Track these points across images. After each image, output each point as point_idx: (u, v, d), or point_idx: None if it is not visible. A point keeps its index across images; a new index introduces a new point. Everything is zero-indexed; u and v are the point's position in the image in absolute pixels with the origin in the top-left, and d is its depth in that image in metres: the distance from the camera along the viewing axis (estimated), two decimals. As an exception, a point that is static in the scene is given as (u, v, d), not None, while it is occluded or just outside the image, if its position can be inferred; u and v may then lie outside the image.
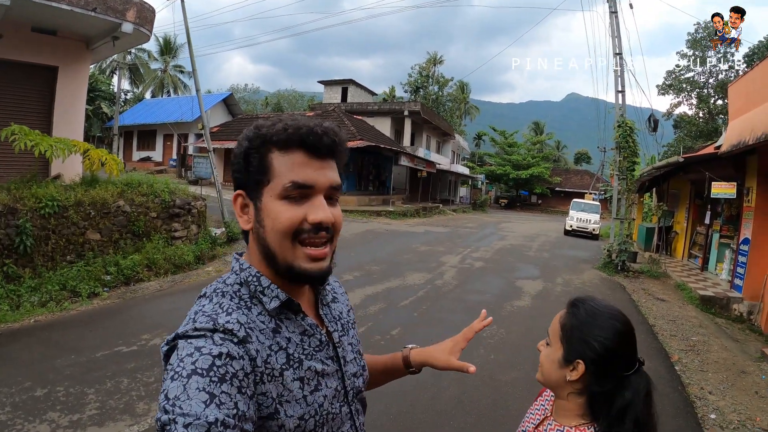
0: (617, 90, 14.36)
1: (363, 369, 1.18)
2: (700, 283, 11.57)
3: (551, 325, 1.31)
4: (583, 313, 1.25)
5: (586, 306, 1.26)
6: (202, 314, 0.92)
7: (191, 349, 0.83)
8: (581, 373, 1.21)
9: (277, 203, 0.96)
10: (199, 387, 0.78)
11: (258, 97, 71.73)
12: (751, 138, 7.86)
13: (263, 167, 0.98)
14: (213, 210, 12.77)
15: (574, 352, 1.23)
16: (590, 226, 25.11)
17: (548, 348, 1.30)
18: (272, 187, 0.97)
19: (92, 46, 10.04)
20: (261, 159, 0.98)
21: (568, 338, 1.25)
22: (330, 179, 0.99)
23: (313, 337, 1.03)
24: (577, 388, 1.24)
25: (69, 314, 6.45)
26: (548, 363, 1.28)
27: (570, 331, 1.25)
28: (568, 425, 1.26)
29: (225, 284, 1.01)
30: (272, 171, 0.97)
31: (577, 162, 76.27)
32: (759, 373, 6.33)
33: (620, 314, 1.26)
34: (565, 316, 1.28)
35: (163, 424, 0.75)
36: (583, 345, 1.21)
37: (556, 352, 1.27)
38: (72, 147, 8.23)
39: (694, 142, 34.25)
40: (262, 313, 0.97)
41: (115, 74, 36.22)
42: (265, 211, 0.97)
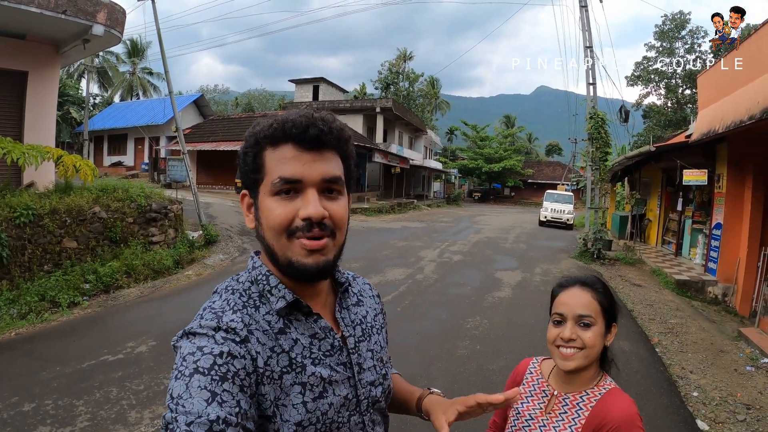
0: (588, 82, 14.57)
1: (384, 378, 1.13)
2: (674, 268, 11.85)
3: (584, 308, 1.41)
4: (601, 288, 1.45)
5: (599, 281, 1.48)
6: (210, 310, 0.93)
7: (193, 348, 0.84)
8: (614, 333, 1.46)
9: (269, 200, 0.95)
10: (201, 385, 0.78)
11: (228, 97, 70.96)
12: (721, 126, 8.06)
13: (257, 165, 0.97)
14: (189, 213, 12.63)
15: (611, 319, 1.44)
16: (564, 216, 25.45)
17: (594, 327, 1.40)
18: (265, 184, 0.96)
19: (62, 49, 9.83)
20: (255, 157, 0.98)
21: (605, 311, 1.42)
22: (323, 172, 0.96)
23: (324, 341, 1.00)
24: (600, 352, 1.43)
25: (50, 325, 6.33)
26: (600, 339, 1.41)
27: (605, 304, 1.42)
28: (588, 387, 1.43)
29: (237, 282, 1.01)
30: (265, 168, 0.96)
31: (548, 154, 77.16)
32: (737, 352, 6.56)
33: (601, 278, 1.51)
34: (594, 295, 1.42)
35: (166, 422, 0.77)
36: (614, 310, 1.45)
37: (601, 327, 1.41)
38: (45, 154, 8.06)
39: (664, 132, 34.92)
40: (270, 313, 0.97)
41: (84, 78, 35.52)
42: (261, 208, 0.97)
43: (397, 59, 53.32)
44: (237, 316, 0.92)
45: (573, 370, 1.40)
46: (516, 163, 51.52)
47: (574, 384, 1.45)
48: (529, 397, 1.53)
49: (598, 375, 1.45)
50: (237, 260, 10.87)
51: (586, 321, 1.39)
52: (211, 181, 29.26)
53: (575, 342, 1.38)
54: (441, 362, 5.56)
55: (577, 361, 1.38)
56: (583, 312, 1.39)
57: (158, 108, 26.13)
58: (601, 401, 1.38)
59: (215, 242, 12.16)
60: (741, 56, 8.09)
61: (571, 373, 1.42)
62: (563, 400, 1.44)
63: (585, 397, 1.41)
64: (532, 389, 1.54)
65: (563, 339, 1.39)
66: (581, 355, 1.38)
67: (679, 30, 39.87)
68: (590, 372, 1.44)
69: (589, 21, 14.45)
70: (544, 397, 1.50)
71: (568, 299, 1.43)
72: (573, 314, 1.40)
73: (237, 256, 11.30)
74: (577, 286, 1.45)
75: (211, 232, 12.24)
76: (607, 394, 1.39)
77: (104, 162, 34.91)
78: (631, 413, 1.32)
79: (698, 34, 39.54)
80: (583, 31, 14.47)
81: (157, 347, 5.57)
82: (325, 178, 0.96)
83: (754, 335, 7.01)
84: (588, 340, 1.38)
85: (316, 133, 0.95)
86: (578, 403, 1.41)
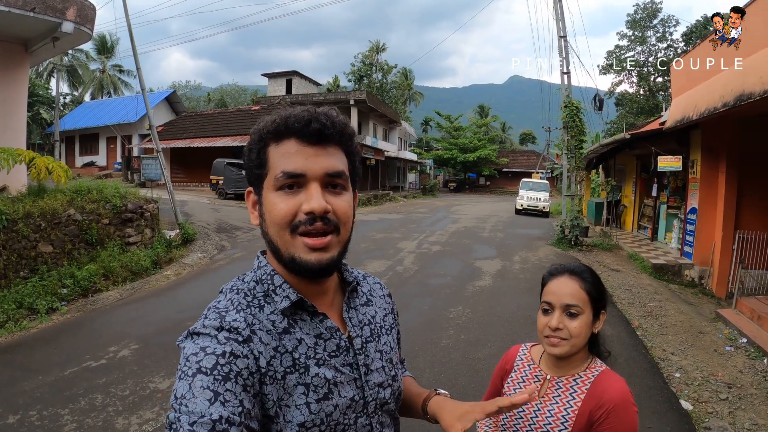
0: (562, 72, 14.72)
1: (393, 380, 1.10)
2: (651, 252, 12.06)
3: (571, 298, 1.43)
4: (589, 277, 1.48)
5: (588, 270, 1.51)
6: (214, 310, 0.94)
7: (196, 348, 0.84)
8: (603, 321, 1.50)
9: (273, 195, 0.95)
10: (204, 385, 0.78)
11: (200, 93, 70.07)
12: (695, 113, 8.20)
13: (261, 161, 0.98)
14: (165, 212, 12.47)
15: (599, 308, 1.47)
16: (540, 204, 25.74)
17: (581, 317, 1.43)
18: (269, 180, 0.96)
19: (31, 48, 9.60)
20: (259, 153, 0.98)
21: (593, 300, 1.45)
22: (325, 166, 0.96)
23: (329, 341, 0.99)
24: (587, 339, 1.47)
25: (30, 333, 6.19)
26: (586, 328, 1.44)
27: (593, 293, 1.45)
28: (580, 370, 1.48)
29: (242, 281, 1.02)
30: (269, 163, 0.97)
31: (522, 142, 77.69)
32: (715, 333, 6.73)
33: (589, 266, 1.57)
34: (582, 285, 1.45)
35: (170, 422, 0.77)
36: (602, 298, 1.48)
37: (589, 316, 1.44)
38: (17, 156, 7.88)
39: (636, 119, 35.49)
40: (275, 312, 0.96)
41: (53, 77, 34.71)
42: (264, 204, 0.98)
43: (370, 51, 53.11)
44: (240, 315, 0.92)
45: (560, 355, 1.45)
46: (491, 153, 51.75)
47: (566, 368, 1.49)
48: (522, 383, 1.57)
49: (588, 358, 1.50)
50: (215, 258, 10.77)
51: (573, 310, 1.42)
52: (185, 179, 28.96)
53: (561, 332, 1.42)
54: (426, 353, 5.58)
55: (563, 348, 1.43)
56: (571, 301, 1.42)
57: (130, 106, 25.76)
58: (596, 383, 1.43)
59: (193, 241, 12.03)
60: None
61: (561, 358, 1.47)
62: (556, 383, 1.49)
63: (578, 380, 1.46)
64: (524, 375, 1.59)
65: (550, 328, 1.43)
66: (567, 343, 1.42)
67: (650, 19, 40.52)
68: (580, 356, 1.48)
69: (563, 10, 14.59)
70: (536, 382, 1.54)
71: (556, 288, 1.46)
72: (560, 303, 1.43)
73: (215, 254, 11.19)
74: (565, 275, 1.47)
75: (189, 231, 12.11)
76: (601, 375, 1.45)
77: (76, 163, 34.34)
78: (625, 393, 1.39)
79: (669, 23, 40.27)
80: (556, 20, 14.61)
81: (140, 350, 5.50)
82: (329, 173, 0.96)
83: (731, 316, 7.19)
84: (574, 329, 1.41)
85: (319, 127, 0.95)
86: (572, 386, 1.45)
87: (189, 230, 12.15)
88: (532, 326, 6.77)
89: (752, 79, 6.31)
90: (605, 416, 1.36)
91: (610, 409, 1.36)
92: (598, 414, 1.37)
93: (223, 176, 23.04)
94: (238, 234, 13.76)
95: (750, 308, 7.10)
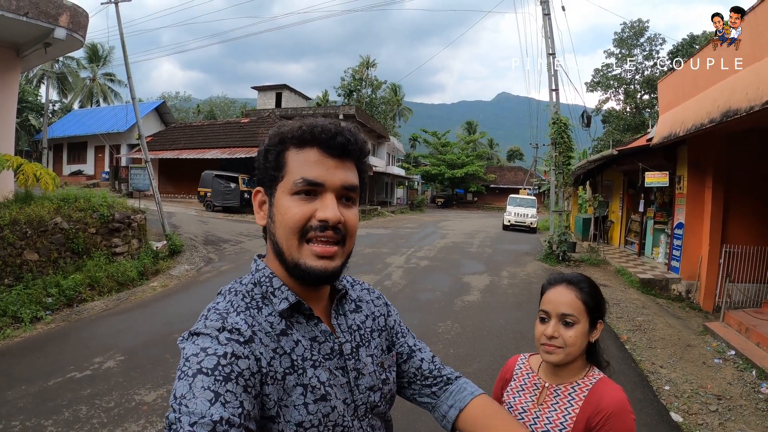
0: (551, 89, 14.85)
1: (383, 383, 1.12)
2: (638, 267, 12.14)
3: (567, 307, 1.46)
4: (587, 287, 1.49)
5: (585, 280, 1.52)
6: (214, 311, 0.94)
7: (197, 349, 0.84)
8: (601, 330, 1.51)
9: (287, 198, 0.97)
10: (204, 386, 0.78)
11: (190, 105, 69.83)
12: (682, 130, 8.31)
13: (279, 163, 0.99)
14: (153, 223, 12.38)
15: (596, 318, 1.49)
16: (528, 220, 25.86)
17: (577, 326, 1.45)
18: (285, 183, 0.98)
19: (23, 53, 9.54)
20: (278, 155, 1.00)
21: (590, 309, 1.47)
22: (343, 179, 0.99)
23: (324, 344, 1.02)
24: (585, 348, 1.49)
25: (13, 342, 6.09)
26: (582, 337, 1.46)
27: (589, 303, 1.47)
28: (578, 378, 1.49)
29: (241, 284, 1.02)
30: (287, 167, 0.98)
31: (510, 159, 78.15)
32: (704, 345, 6.81)
33: (589, 276, 1.56)
34: (579, 294, 1.47)
35: (170, 422, 0.77)
36: (600, 308, 1.50)
37: (585, 326, 1.46)
38: (4, 162, 7.80)
39: (623, 136, 35.88)
40: (273, 314, 0.97)
41: (43, 84, 34.58)
42: (276, 206, 0.99)
43: (360, 66, 53.38)
44: (241, 317, 0.93)
45: (555, 363, 1.47)
46: (478, 169, 51.92)
47: (564, 376, 1.51)
48: (521, 391, 1.59)
49: (585, 366, 1.52)
50: (203, 270, 10.69)
51: (568, 320, 1.45)
52: (173, 190, 28.78)
53: (557, 340, 1.44)
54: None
55: (558, 357, 1.46)
56: (567, 311, 1.45)
57: (120, 115, 25.64)
58: (593, 391, 1.45)
59: (180, 252, 11.95)
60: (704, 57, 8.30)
61: (559, 365, 1.49)
62: (554, 391, 1.51)
63: (576, 387, 1.48)
64: (523, 383, 1.60)
65: (546, 336, 1.46)
66: (562, 351, 1.45)
67: (637, 37, 41.16)
68: (577, 364, 1.51)
69: (552, 28, 14.74)
70: (535, 390, 1.56)
71: (553, 297, 1.49)
72: (557, 312, 1.46)
73: (202, 266, 11.11)
74: (563, 285, 1.50)
75: (176, 242, 12.03)
76: (598, 383, 1.47)
77: (64, 171, 34.01)
78: (622, 400, 1.41)
79: (656, 41, 40.95)
80: (545, 38, 14.75)
81: (125, 362, 5.42)
82: (345, 185, 0.99)
83: (719, 329, 7.25)
84: (569, 339, 1.44)
85: (343, 141, 0.99)
86: (570, 393, 1.48)
87: (176, 242, 12.06)
88: (520, 341, 6.85)
89: (738, 95, 6.43)
90: (603, 423, 1.37)
91: (607, 416, 1.37)
92: (595, 421, 1.39)
93: (211, 188, 22.99)
94: (225, 246, 13.67)
95: (738, 321, 7.18)
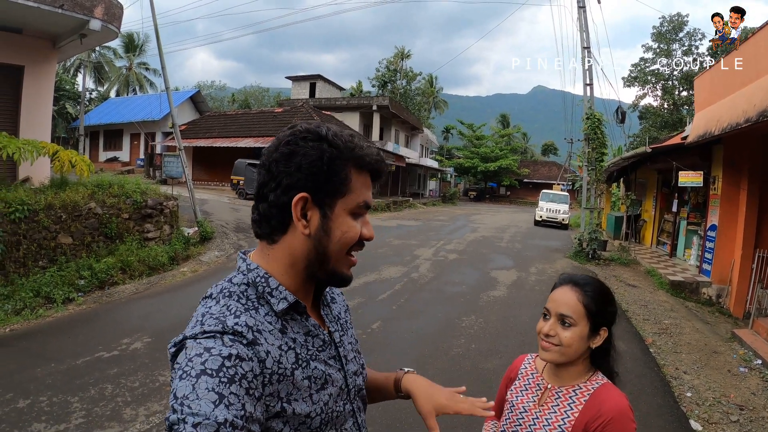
0: (585, 83, 14.62)
1: (362, 368, 1.22)
2: (669, 269, 11.87)
3: (567, 308, 1.45)
4: (591, 291, 1.47)
5: (592, 284, 1.50)
6: (209, 316, 0.92)
7: (200, 349, 0.83)
8: (604, 338, 1.48)
9: (348, 217, 1.02)
10: (209, 387, 0.78)
11: (225, 94, 70.74)
12: (717, 128, 8.08)
13: (344, 178, 1.01)
14: (185, 210, 12.61)
15: (599, 324, 1.47)
16: (560, 216, 25.53)
17: (574, 328, 1.44)
18: (347, 201, 1.01)
19: (59, 44, 9.77)
20: (344, 168, 1.01)
21: (592, 315, 1.45)
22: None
23: (316, 337, 1.05)
24: (587, 352, 1.48)
25: (45, 321, 6.31)
26: (579, 340, 1.45)
27: (591, 308, 1.45)
28: (580, 381, 1.49)
29: (231, 284, 1.01)
30: (351, 185, 1.01)
31: (544, 153, 77.28)
32: (730, 353, 6.58)
33: (601, 281, 1.55)
34: (581, 297, 1.46)
35: (171, 423, 0.76)
36: (605, 315, 1.47)
37: (583, 329, 1.45)
38: (41, 149, 8.04)
39: (660, 133, 35.09)
40: (269, 314, 0.98)
41: (80, 73, 35.39)
42: (336, 221, 1.01)
43: (395, 57, 53.31)
44: (241, 319, 0.91)
45: (549, 361, 1.48)
46: (512, 163, 51.56)
47: (566, 378, 1.51)
48: (524, 391, 1.60)
49: (589, 370, 1.51)
50: (232, 257, 10.84)
51: (566, 321, 1.45)
52: (207, 178, 29.21)
53: (553, 338, 1.45)
54: (436, 361, 5.56)
55: (553, 355, 1.46)
56: (565, 312, 1.45)
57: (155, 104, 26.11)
58: (595, 395, 1.44)
59: (211, 239, 12.13)
60: (741, 56, 8.10)
61: (560, 366, 1.49)
62: (556, 393, 1.51)
63: (578, 390, 1.47)
64: (527, 383, 1.61)
65: (542, 332, 1.47)
66: (557, 350, 1.45)
67: (676, 32, 40.10)
68: (579, 367, 1.50)
69: (586, 21, 14.50)
70: (538, 390, 1.56)
71: (556, 296, 1.49)
72: (556, 312, 1.46)
73: (232, 252, 11.28)
74: (568, 286, 1.49)
75: (207, 229, 12.21)
76: (600, 388, 1.46)
77: (100, 157, 34.84)
78: (624, 407, 1.39)
79: (696, 36, 39.85)
80: (580, 31, 14.51)
81: (152, 344, 5.56)
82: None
83: (747, 336, 7.02)
84: (565, 339, 1.44)
85: (384, 172, 1.11)
86: (571, 396, 1.47)
87: (207, 228, 12.25)
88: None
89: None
90: (601, 428, 1.36)
91: (606, 422, 1.36)
92: (594, 425, 1.38)
93: (243, 177, 23.23)
94: (255, 234, 13.80)
95: (766, 329, 6.95)
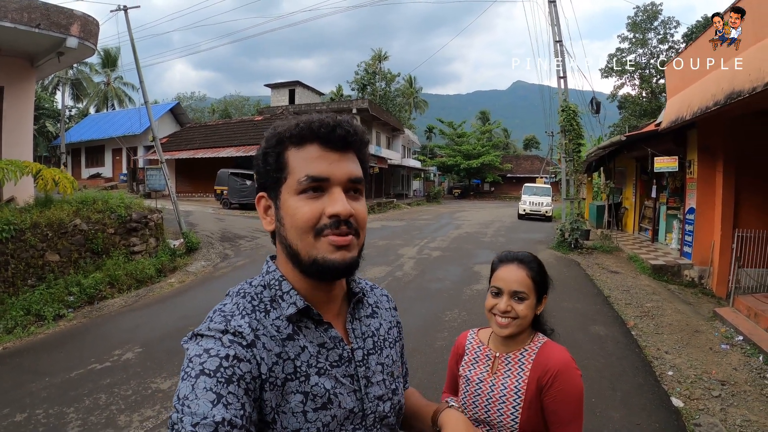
0: (559, 76, 14.82)
1: (393, 393, 1.10)
2: (651, 253, 12.11)
3: (519, 285, 1.60)
4: (536, 266, 1.65)
5: (534, 260, 1.67)
6: (219, 313, 0.93)
7: (200, 350, 0.84)
8: (545, 303, 1.67)
9: (294, 199, 0.95)
10: (207, 387, 0.79)
11: (205, 104, 70.30)
12: (689, 113, 8.29)
13: (280, 165, 0.97)
14: (170, 222, 12.65)
15: (542, 292, 1.65)
16: (543, 208, 25.73)
17: (527, 302, 1.60)
18: (289, 184, 0.96)
19: (37, 63, 9.82)
20: (278, 157, 0.98)
21: (538, 285, 1.63)
22: (348, 171, 0.97)
23: (332, 351, 0.99)
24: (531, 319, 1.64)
25: (37, 338, 6.38)
26: (530, 311, 1.61)
27: (537, 280, 1.63)
28: (525, 345, 1.64)
29: (250, 285, 1.01)
30: (289, 167, 0.96)
31: (526, 148, 77.54)
32: (712, 331, 6.76)
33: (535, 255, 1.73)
34: (528, 273, 1.62)
35: (172, 423, 0.78)
36: (545, 284, 1.66)
37: (533, 300, 1.61)
38: (24, 168, 8.08)
39: (639, 121, 35.51)
40: (280, 318, 0.96)
41: (58, 90, 35.12)
42: (283, 208, 0.97)
43: (373, 59, 53.33)
44: (245, 320, 0.91)
45: (507, 335, 1.61)
46: (494, 159, 51.68)
47: (512, 345, 1.66)
48: (475, 364, 1.73)
49: (531, 334, 1.67)
50: (219, 266, 10.92)
51: (520, 296, 1.59)
52: (190, 189, 29.15)
53: (510, 313, 1.58)
54: (420, 354, 5.68)
55: (511, 329, 1.59)
56: (518, 288, 1.59)
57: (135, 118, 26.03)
58: (540, 354, 1.60)
59: (196, 249, 12.19)
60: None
61: (508, 337, 1.63)
62: (505, 359, 1.65)
63: (525, 353, 1.62)
64: (476, 356, 1.74)
65: (499, 310, 1.59)
66: (515, 323, 1.59)
67: (651, 21, 40.67)
68: (524, 333, 1.65)
69: (557, 15, 14.71)
70: (488, 360, 1.70)
71: (505, 275, 1.62)
72: (509, 289, 1.60)
73: (218, 262, 11.34)
74: (514, 264, 1.64)
75: (192, 240, 12.27)
76: (543, 347, 1.62)
77: (82, 174, 34.57)
78: (567, 359, 1.57)
79: (670, 25, 40.44)
80: (551, 25, 14.72)
81: (143, 353, 5.66)
82: (351, 178, 0.98)
83: (728, 314, 7.18)
84: (521, 312, 1.58)
85: (343, 133, 0.97)
86: (519, 359, 1.62)
87: (193, 239, 12.31)
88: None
89: (741, 77, 6.38)
90: (552, 381, 1.52)
91: (554, 374, 1.52)
92: (545, 380, 1.53)
93: (227, 186, 23.27)
94: (241, 243, 13.90)
95: (747, 306, 7.10)
